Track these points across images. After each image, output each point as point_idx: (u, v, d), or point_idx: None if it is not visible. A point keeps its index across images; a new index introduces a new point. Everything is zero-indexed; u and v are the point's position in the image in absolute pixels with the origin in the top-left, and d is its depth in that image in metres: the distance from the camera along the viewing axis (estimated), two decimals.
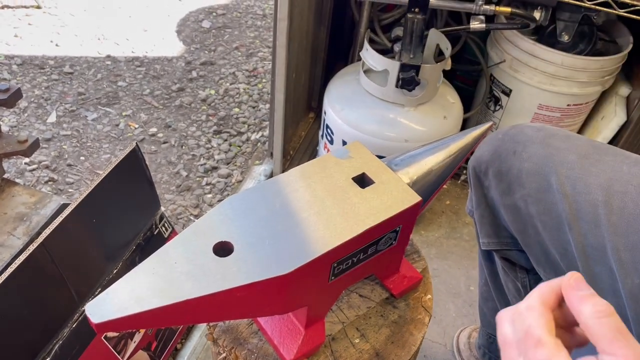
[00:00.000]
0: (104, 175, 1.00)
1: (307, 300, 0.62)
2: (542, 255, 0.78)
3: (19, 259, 0.85)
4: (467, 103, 1.72)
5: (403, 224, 0.64)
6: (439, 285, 1.48)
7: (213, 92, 2.13)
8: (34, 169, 1.72)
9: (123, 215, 1.10)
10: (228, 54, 2.37)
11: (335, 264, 0.60)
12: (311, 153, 1.82)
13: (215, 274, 0.53)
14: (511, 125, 0.83)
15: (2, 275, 0.82)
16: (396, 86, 1.33)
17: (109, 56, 2.25)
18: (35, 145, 1.17)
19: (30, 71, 2.12)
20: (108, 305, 0.49)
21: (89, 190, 0.97)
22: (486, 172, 0.83)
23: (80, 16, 2.47)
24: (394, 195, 0.63)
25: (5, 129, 1.83)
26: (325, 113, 1.50)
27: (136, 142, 1.08)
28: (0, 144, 1.15)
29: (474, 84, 1.79)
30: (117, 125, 1.93)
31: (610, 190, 0.68)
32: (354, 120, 1.40)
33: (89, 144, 1.84)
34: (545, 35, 1.52)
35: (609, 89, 1.57)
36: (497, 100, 1.64)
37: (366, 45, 1.38)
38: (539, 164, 0.76)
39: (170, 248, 0.55)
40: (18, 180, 1.67)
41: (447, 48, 1.37)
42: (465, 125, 1.67)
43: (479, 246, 0.94)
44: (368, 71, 1.42)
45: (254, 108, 2.08)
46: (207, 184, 1.75)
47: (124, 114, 1.98)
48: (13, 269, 0.83)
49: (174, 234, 1.25)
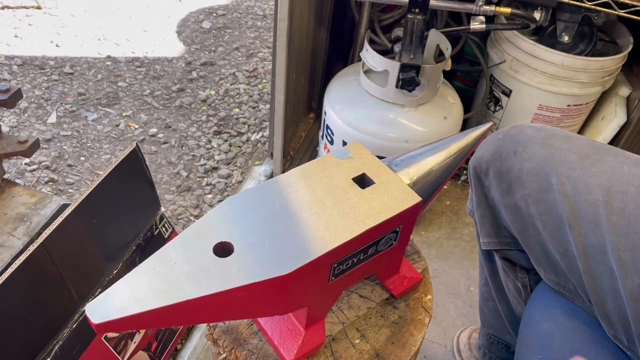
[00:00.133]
0: (104, 175, 1.00)
1: (307, 301, 0.62)
2: (543, 256, 0.78)
3: (19, 259, 0.85)
4: (467, 103, 1.72)
5: (403, 224, 0.64)
6: (439, 285, 1.47)
7: (213, 93, 2.13)
8: (34, 170, 1.72)
9: (123, 216, 1.10)
10: (228, 54, 2.37)
11: (336, 265, 0.60)
12: (311, 153, 1.82)
13: (215, 275, 0.53)
14: (511, 126, 0.83)
15: (2, 276, 0.82)
16: (396, 87, 1.34)
17: (109, 57, 2.25)
18: (35, 145, 1.17)
19: (30, 72, 2.12)
20: (108, 305, 0.49)
21: (89, 191, 0.97)
22: (487, 172, 0.83)
23: (81, 17, 2.47)
24: (394, 195, 0.63)
25: (5, 129, 1.83)
26: (325, 113, 1.50)
27: (136, 143, 1.08)
28: (0, 144, 1.15)
29: (474, 84, 1.79)
30: (118, 125, 1.93)
31: (611, 191, 0.68)
32: (354, 120, 1.40)
33: (89, 145, 1.84)
34: (545, 36, 1.52)
35: (609, 90, 1.57)
36: (497, 101, 1.64)
37: (366, 45, 1.38)
38: (540, 164, 0.76)
39: (170, 248, 0.55)
40: (18, 180, 1.67)
41: (447, 48, 1.37)
42: (465, 125, 1.67)
43: (480, 246, 0.94)
44: (368, 72, 1.42)
45: (254, 108, 2.08)
46: (207, 185, 1.75)
47: (124, 114, 1.98)
48: (13, 270, 0.83)
49: (174, 234, 1.25)
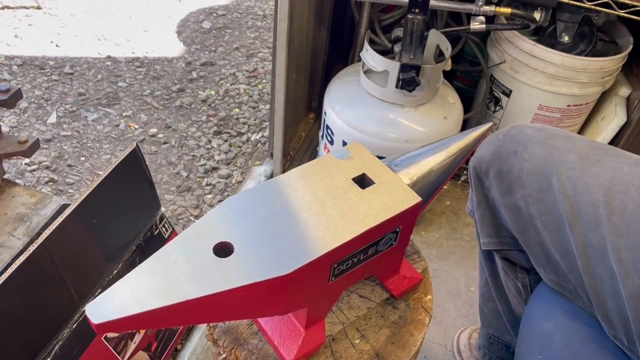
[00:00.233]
0: (104, 175, 1.00)
1: (307, 301, 0.62)
2: (543, 256, 0.78)
3: (19, 259, 0.85)
4: (467, 104, 1.72)
5: (403, 224, 0.64)
6: (439, 285, 1.47)
7: (213, 93, 2.13)
8: (34, 170, 1.72)
9: (123, 216, 1.10)
10: (228, 54, 2.37)
11: (336, 265, 0.60)
12: (311, 154, 1.82)
13: (215, 275, 0.53)
14: (511, 126, 0.83)
15: (3, 276, 0.82)
16: (396, 87, 1.33)
17: (109, 57, 2.25)
18: (35, 145, 1.17)
19: (30, 72, 2.12)
20: (108, 305, 0.49)
21: (89, 191, 0.97)
22: (487, 172, 0.83)
23: (81, 17, 2.47)
24: (394, 195, 0.63)
25: (5, 129, 1.83)
26: (325, 114, 1.50)
27: (136, 143, 1.08)
28: (0, 144, 1.15)
29: (474, 84, 1.79)
30: (118, 125, 1.93)
31: (611, 191, 0.68)
32: (354, 120, 1.40)
33: (89, 145, 1.84)
34: (545, 36, 1.52)
35: (609, 90, 1.57)
36: (497, 101, 1.64)
37: (366, 45, 1.38)
38: (540, 164, 0.76)
39: (170, 249, 0.55)
40: (18, 180, 1.67)
41: (447, 49, 1.37)
42: (465, 126, 1.67)
43: (480, 246, 0.94)
44: (368, 72, 1.42)
45: (254, 109, 2.08)
46: (208, 185, 1.75)
47: (124, 114, 1.98)
48: (13, 270, 0.83)
49: (174, 234, 1.25)
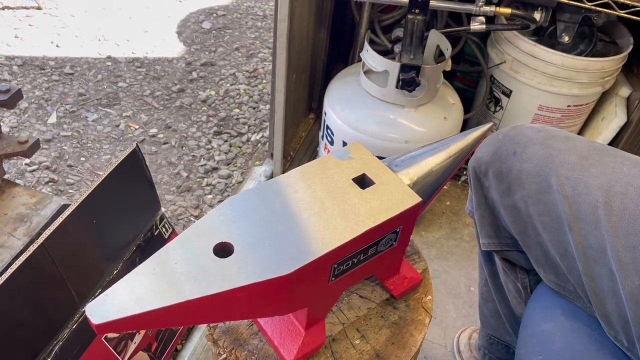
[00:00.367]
0: (105, 176, 1.00)
1: (308, 301, 0.62)
2: (542, 256, 0.78)
3: (19, 259, 0.85)
4: (468, 104, 1.72)
5: (403, 224, 0.64)
6: (439, 286, 1.47)
7: (213, 93, 2.13)
8: (34, 170, 1.72)
9: (123, 216, 1.10)
10: (228, 54, 2.37)
11: (336, 265, 0.60)
12: (311, 154, 1.82)
13: (215, 275, 0.53)
14: (511, 126, 0.83)
15: (3, 276, 0.82)
16: (396, 87, 1.34)
17: (109, 57, 2.26)
18: (35, 146, 1.17)
19: (30, 72, 2.12)
20: (108, 306, 0.49)
21: (90, 191, 0.97)
22: (486, 173, 0.83)
23: (81, 17, 2.47)
24: (394, 196, 0.63)
25: (5, 129, 1.83)
26: (325, 114, 1.50)
27: (136, 143, 1.08)
28: (0, 144, 1.15)
29: (474, 84, 1.79)
30: (118, 126, 1.93)
31: (611, 192, 0.68)
32: (354, 121, 1.40)
33: (89, 145, 1.84)
34: (545, 36, 1.52)
35: (609, 90, 1.57)
36: (498, 101, 1.65)
37: (366, 46, 1.38)
38: (539, 165, 0.76)
39: (170, 249, 0.55)
40: (18, 181, 1.67)
41: (448, 49, 1.37)
42: (465, 126, 1.67)
43: (479, 247, 0.94)
44: (368, 72, 1.42)
45: (254, 109, 2.08)
46: (208, 185, 1.75)
47: (124, 114, 1.98)
48: (13, 270, 0.83)
49: (174, 234, 1.25)
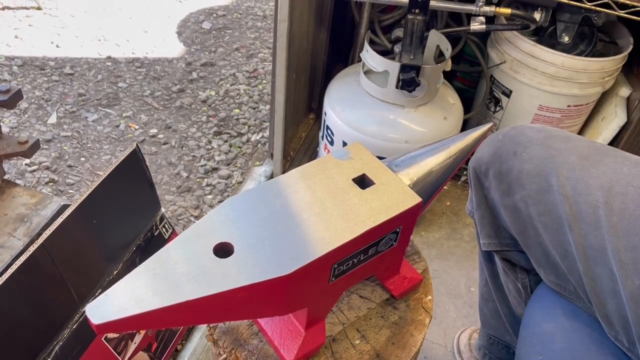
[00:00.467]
0: (105, 176, 1.00)
1: (308, 301, 0.62)
2: (543, 257, 0.78)
3: (19, 260, 0.85)
4: (468, 104, 1.72)
5: (403, 225, 0.64)
6: (440, 286, 1.47)
7: (213, 93, 2.13)
8: (34, 170, 1.72)
9: (123, 216, 1.10)
10: (228, 55, 2.37)
11: (336, 265, 0.60)
12: (311, 154, 1.82)
13: (215, 275, 0.53)
14: (511, 126, 0.83)
15: (3, 276, 0.82)
16: (396, 87, 1.34)
17: (109, 57, 2.26)
18: (35, 146, 1.17)
19: (30, 72, 2.12)
20: (108, 306, 0.49)
21: (90, 191, 0.97)
22: (486, 173, 0.83)
23: (81, 17, 2.47)
24: (394, 196, 0.63)
25: (5, 130, 1.83)
26: (325, 114, 1.50)
27: (136, 143, 1.08)
28: (0, 145, 1.15)
29: (474, 85, 1.79)
30: (118, 126, 1.93)
31: (611, 192, 0.68)
32: (354, 121, 1.40)
33: (89, 145, 1.84)
34: (545, 37, 1.52)
35: (609, 90, 1.57)
36: (498, 101, 1.65)
37: (366, 46, 1.38)
38: (540, 165, 0.76)
39: (170, 249, 0.55)
40: (18, 181, 1.67)
41: (448, 49, 1.37)
42: (465, 126, 1.67)
43: (479, 247, 0.94)
44: (368, 72, 1.42)
45: (254, 109, 2.08)
46: (208, 185, 1.75)
47: (124, 115, 1.98)
48: (13, 270, 0.83)
49: (174, 235, 1.25)
